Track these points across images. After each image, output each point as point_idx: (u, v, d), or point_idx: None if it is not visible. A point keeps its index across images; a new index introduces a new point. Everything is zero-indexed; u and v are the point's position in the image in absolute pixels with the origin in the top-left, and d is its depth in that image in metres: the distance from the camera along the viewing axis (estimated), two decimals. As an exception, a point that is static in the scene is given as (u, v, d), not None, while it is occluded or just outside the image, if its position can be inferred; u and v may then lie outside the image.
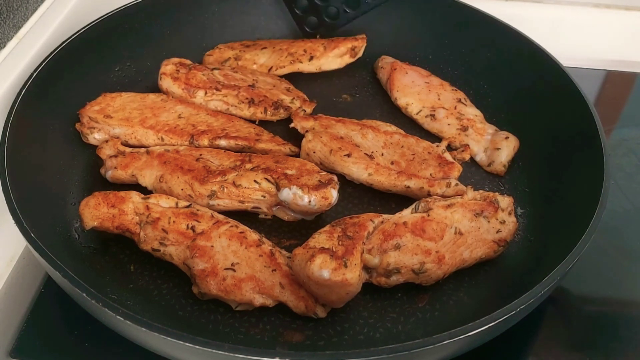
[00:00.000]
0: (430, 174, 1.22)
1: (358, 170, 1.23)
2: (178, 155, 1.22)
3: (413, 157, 1.25)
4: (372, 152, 1.25)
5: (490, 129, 1.37)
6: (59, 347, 1.05)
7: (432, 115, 1.39)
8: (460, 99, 1.42)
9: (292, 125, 1.33)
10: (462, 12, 1.52)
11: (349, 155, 1.24)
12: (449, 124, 1.37)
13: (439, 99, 1.42)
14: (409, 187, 1.21)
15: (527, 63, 1.41)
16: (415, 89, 1.45)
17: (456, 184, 1.21)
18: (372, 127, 1.30)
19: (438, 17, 1.57)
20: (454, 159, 1.26)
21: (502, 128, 1.38)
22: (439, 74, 1.50)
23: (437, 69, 1.53)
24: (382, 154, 1.26)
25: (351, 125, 1.30)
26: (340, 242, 1.00)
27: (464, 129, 1.36)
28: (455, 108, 1.40)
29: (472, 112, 1.40)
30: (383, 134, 1.29)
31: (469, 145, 1.31)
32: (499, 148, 1.31)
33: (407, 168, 1.23)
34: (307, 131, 1.30)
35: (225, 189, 1.16)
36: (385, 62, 1.53)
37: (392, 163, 1.24)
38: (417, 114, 1.42)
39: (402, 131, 1.33)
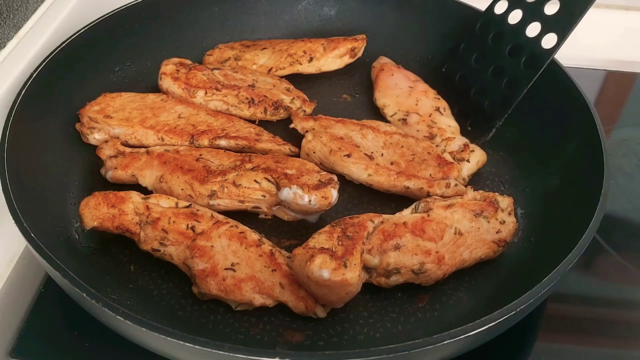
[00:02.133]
0: (430, 174, 1.22)
1: (358, 171, 1.23)
2: (178, 155, 1.22)
3: (413, 157, 1.25)
4: (372, 153, 1.25)
5: (460, 141, 1.32)
6: (59, 347, 1.05)
7: (404, 120, 1.37)
8: (438, 108, 1.39)
9: (292, 125, 1.33)
10: (463, 12, 1.52)
11: (348, 156, 1.24)
12: (417, 130, 1.35)
13: (416, 105, 1.39)
14: (408, 187, 1.21)
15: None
16: (395, 91, 1.44)
17: (456, 184, 1.21)
18: (372, 127, 1.30)
19: (438, 18, 1.56)
20: (454, 159, 1.26)
21: (502, 128, 1.37)
22: (439, 74, 1.49)
23: (436, 69, 1.52)
24: (382, 154, 1.25)
25: (351, 125, 1.30)
26: (340, 242, 1.00)
27: (431, 137, 1.33)
28: (429, 116, 1.37)
29: (446, 122, 1.36)
30: (383, 134, 1.29)
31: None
32: None
33: (406, 168, 1.23)
34: (307, 131, 1.30)
35: (225, 188, 1.16)
36: (378, 62, 1.53)
37: (391, 163, 1.24)
38: (391, 116, 1.40)
39: (401, 131, 1.33)
